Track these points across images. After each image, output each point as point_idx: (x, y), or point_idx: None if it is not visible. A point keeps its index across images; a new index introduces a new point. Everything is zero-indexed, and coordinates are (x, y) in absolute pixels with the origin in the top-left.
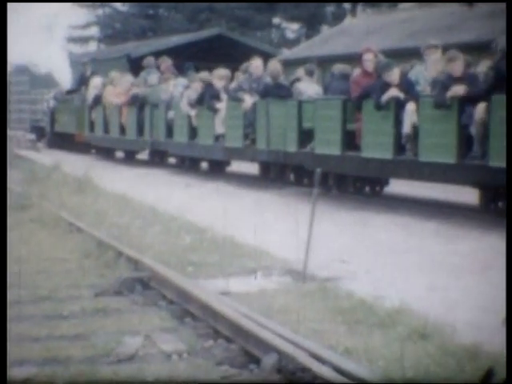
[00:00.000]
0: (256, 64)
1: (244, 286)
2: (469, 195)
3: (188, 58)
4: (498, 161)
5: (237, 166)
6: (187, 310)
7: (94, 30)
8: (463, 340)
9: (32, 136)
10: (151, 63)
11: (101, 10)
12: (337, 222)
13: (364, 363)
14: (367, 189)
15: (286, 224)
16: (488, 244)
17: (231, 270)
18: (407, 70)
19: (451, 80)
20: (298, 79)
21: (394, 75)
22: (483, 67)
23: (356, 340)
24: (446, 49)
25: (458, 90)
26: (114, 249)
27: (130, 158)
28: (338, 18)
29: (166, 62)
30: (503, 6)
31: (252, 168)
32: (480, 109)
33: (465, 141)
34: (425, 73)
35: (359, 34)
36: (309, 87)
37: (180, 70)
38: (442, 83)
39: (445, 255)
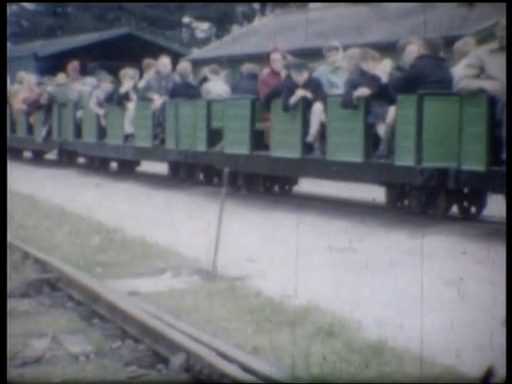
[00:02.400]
0: (163, 62)
1: (153, 286)
2: (376, 194)
3: (97, 57)
4: (403, 159)
5: (147, 166)
6: (95, 310)
7: None
8: (369, 336)
9: None
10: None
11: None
12: (246, 222)
13: (271, 361)
14: (276, 188)
15: (195, 224)
16: (394, 241)
17: (141, 270)
18: (313, 70)
19: (364, 79)
20: (206, 79)
21: (302, 75)
22: (385, 67)
23: (264, 338)
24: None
25: (364, 90)
26: (20, 250)
27: (38, 158)
28: (247, 18)
29: (73, 63)
30: (411, 6)
31: (162, 168)
32: (392, 110)
33: (371, 140)
34: (328, 74)
35: (269, 33)
36: (217, 87)
37: (86, 70)
38: (351, 83)
39: (352, 253)
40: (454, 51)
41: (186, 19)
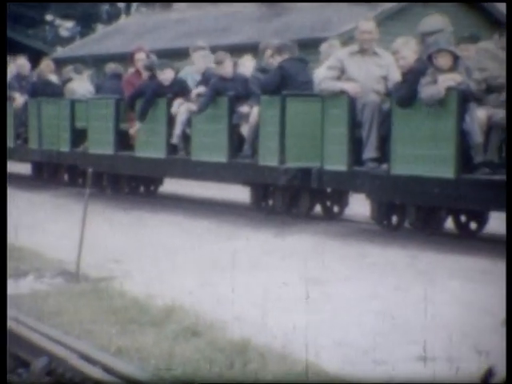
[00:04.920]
0: (20, 63)
1: (15, 289)
2: (241, 194)
3: None
4: (267, 160)
5: (9, 167)
6: None
7: None
8: (233, 335)
9: None
10: None
11: None
12: (111, 222)
13: (135, 362)
14: (142, 188)
15: (59, 225)
16: (258, 241)
17: None
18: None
19: (223, 82)
20: (70, 78)
21: (166, 75)
22: (246, 62)
23: (128, 339)
24: (215, 50)
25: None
26: None
27: None
28: (112, 17)
29: None
30: (274, 8)
31: (25, 168)
32: (255, 111)
33: (236, 140)
34: (194, 74)
35: (134, 33)
36: (81, 86)
37: None
38: (212, 86)
39: (217, 253)
40: (320, 53)
41: (49, 17)
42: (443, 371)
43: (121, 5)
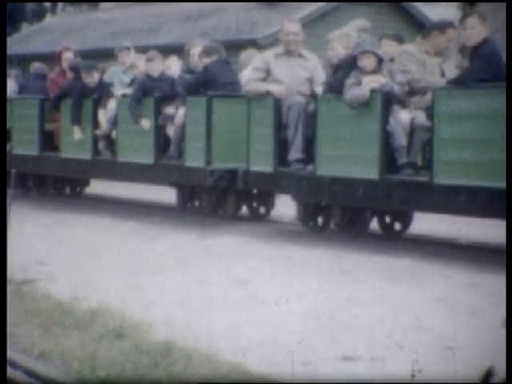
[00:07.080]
0: None
1: None
2: (167, 195)
3: None
4: (193, 161)
5: None
6: None
7: None
8: (158, 337)
9: None
10: None
11: None
12: (36, 223)
13: (58, 365)
14: (68, 189)
15: None
16: (184, 242)
17: None
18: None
19: (151, 80)
20: None
21: (93, 77)
22: (172, 63)
23: (52, 342)
24: (145, 50)
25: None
26: None
27: None
28: (38, 16)
29: None
30: (203, 8)
31: None
32: (181, 112)
33: (162, 141)
34: (120, 74)
35: (60, 32)
36: None
37: None
38: (140, 84)
39: (143, 254)
40: (241, 62)
41: None
42: (367, 370)
43: (47, 4)
